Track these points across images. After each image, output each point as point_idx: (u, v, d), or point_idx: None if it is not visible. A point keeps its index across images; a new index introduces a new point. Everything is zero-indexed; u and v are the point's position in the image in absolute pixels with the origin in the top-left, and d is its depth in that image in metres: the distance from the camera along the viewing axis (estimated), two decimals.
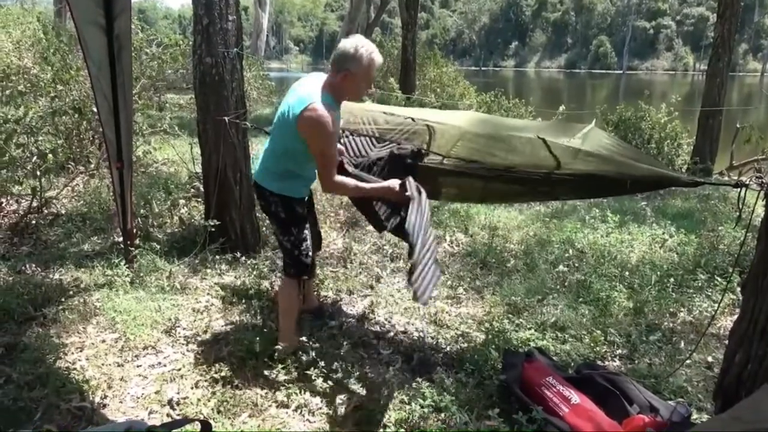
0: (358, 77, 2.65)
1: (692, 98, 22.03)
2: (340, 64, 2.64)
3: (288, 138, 2.71)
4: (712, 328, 3.49)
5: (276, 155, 2.86)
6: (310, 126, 2.60)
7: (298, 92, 2.71)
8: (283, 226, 2.94)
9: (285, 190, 2.89)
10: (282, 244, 3.00)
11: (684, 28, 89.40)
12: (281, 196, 2.89)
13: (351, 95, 2.85)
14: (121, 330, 3.26)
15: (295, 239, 2.93)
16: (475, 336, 3.38)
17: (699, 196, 6.82)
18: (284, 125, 2.71)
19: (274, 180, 2.88)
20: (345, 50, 2.63)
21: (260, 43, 24.41)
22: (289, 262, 3.00)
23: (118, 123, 3.76)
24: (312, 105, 2.59)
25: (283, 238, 2.96)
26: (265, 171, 2.92)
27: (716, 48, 9.19)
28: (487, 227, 5.37)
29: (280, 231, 2.97)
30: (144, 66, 8.04)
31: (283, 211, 2.91)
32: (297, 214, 2.94)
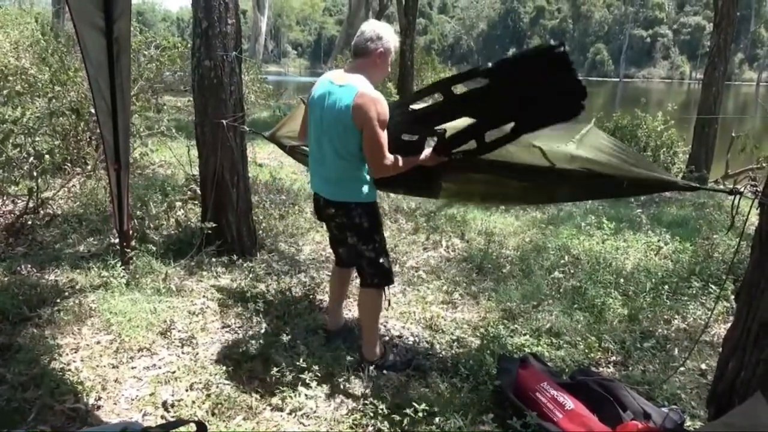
0: (386, 57, 2.73)
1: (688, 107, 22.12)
2: (371, 45, 2.68)
3: (348, 135, 2.64)
4: (705, 336, 3.50)
5: (342, 158, 2.71)
6: (366, 110, 2.56)
7: (339, 89, 2.66)
8: (366, 235, 2.85)
9: (366, 196, 2.80)
10: (363, 255, 2.89)
11: (681, 37, 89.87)
12: (364, 204, 2.80)
13: (380, 76, 2.80)
14: (116, 331, 3.26)
15: (378, 246, 2.88)
16: (471, 341, 3.39)
17: (694, 204, 6.85)
18: (338, 124, 2.64)
19: (352, 188, 2.77)
20: (374, 31, 2.69)
21: (258, 47, 24.50)
22: (373, 271, 2.91)
23: (115, 124, 3.77)
24: (360, 91, 2.58)
25: (366, 248, 2.86)
26: (335, 183, 2.79)
27: (712, 57, 9.26)
28: (483, 233, 5.38)
29: (362, 241, 2.86)
30: (142, 68, 8.04)
31: (367, 220, 2.82)
32: (378, 220, 2.89)
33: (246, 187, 4.52)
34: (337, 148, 2.69)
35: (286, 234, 5.11)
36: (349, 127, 2.61)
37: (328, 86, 2.72)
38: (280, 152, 8.05)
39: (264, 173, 6.94)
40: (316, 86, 2.82)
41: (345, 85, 2.64)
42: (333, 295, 3.38)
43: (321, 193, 2.88)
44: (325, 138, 2.72)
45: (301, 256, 4.70)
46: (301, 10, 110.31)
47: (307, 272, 4.27)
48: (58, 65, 6.28)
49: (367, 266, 2.91)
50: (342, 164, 2.72)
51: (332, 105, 2.64)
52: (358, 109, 2.56)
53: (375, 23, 2.77)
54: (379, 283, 2.95)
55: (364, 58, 2.71)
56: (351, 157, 2.70)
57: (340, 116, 2.61)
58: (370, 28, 2.71)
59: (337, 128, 2.66)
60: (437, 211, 5.87)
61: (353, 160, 2.71)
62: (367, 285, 2.96)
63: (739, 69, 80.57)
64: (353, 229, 2.84)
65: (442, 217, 5.70)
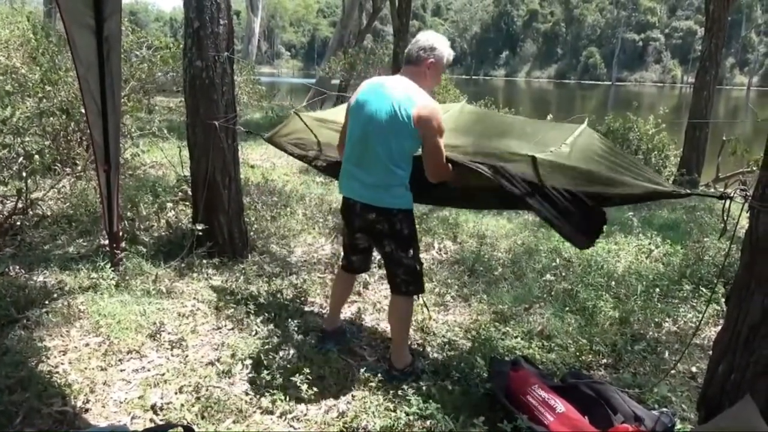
0: (438, 67, 2.77)
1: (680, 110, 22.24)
2: (423, 54, 2.73)
3: (405, 140, 2.66)
4: (696, 339, 3.52)
5: (393, 163, 2.69)
6: (429, 120, 2.60)
7: (393, 93, 2.66)
8: (405, 242, 2.83)
9: (407, 202, 2.80)
10: (401, 263, 2.85)
11: (672, 41, 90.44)
12: (405, 210, 2.79)
13: (429, 85, 2.81)
14: (105, 334, 3.23)
15: (416, 253, 2.87)
16: (462, 344, 3.38)
17: (685, 207, 6.89)
18: (396, 127, 2.63)
19: (398, 195, 2.76)
20: (428, 40, 2.75)
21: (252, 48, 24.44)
22: (409, 279, 2.87)
23: (106, 125, 3.74)
24: (424, 101, 2.63)
25: (404, 255, 2.83)
26: (382, 189, 2.75)
27: (704, 62, 9.31)
28: (475, 235, 5.38)
29: (401, 249, 2.83)
30: (134, 68, 8.00)
31: (407, 226, 2.80)
32: (415, 228, 2.89)
33: (237, 188, 4.50)
34: (391, 152, 2.68)
35: (278, 236, 5.09)
36: (408, 134, 2.63)
37: (380, 91, 2.71)
38: (272, 153, 8.07)
39: (256, 174, 6.92)
40: (363, 90, 2.80)
41: (403, 92, 2.65)
42: (335, 298, 3.34)
43: (359, 198, 2.82)
44: (377, 141, 2.69)
45: (292, 257, 4.68)
46: (295, 11, 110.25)
47: (298, 274, 4.25)
48: (49, 65, 6.23)
49: (403, 273, 2.87)
50: (391, 169, 2.70)
51: (390, 110, 2.63)
52: (421, 120, 2.60)
53: (431, 34, 2.82)
54: (414, 291, 2.92)
55: (416, 66, 2.75)
56: (402, 163, 2.71)
57: (400, 122, 2.61)
58: (425, 38, 2.77)
59: (395, 133, 2.65)
60: (428, 213, 5.87)
61: (402, 164, 2.71)
62: (401, 293, 2.91)
63: (730, 73, 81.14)
64: (393, 236, 2.80)
65: (434, 220, 5.69)
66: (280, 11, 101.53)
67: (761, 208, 2.12)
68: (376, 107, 2.68)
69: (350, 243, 3.07)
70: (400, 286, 2.90)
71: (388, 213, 2.76)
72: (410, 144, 2.68)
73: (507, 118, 4.08)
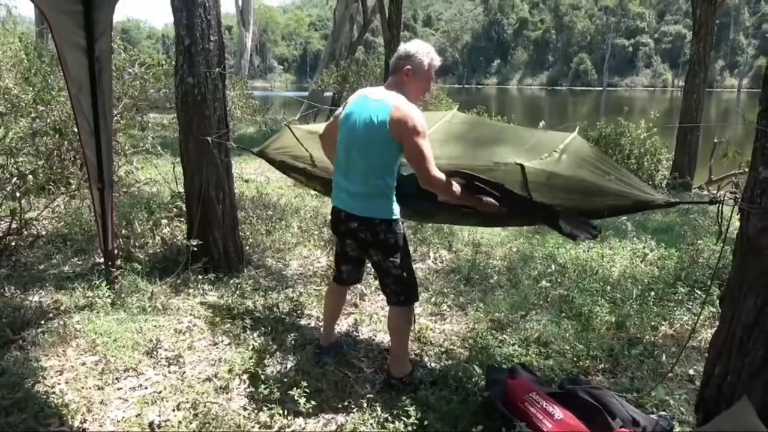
0: (419, 74, 2.74)
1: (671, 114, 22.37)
2: (401, 62, 2.73)
3: (382, 148, 2.65)
4: (693, 341, 3.52)
5: (373, 174, 2.69)
6: (403, 123, 2.57)
7: (372, 103, 2.68)
8: (391, 252, 2.79)
9: (391, 212, 2.76)
10: (389, 273, 2.82)
11: (662, 45, 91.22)
12: (388, 220, 2.75)
13: (414, 93, 2.78)
14: (101, 352, 3.22)
15: (404, 263, 2.83)
16: (459, 352, 3.38)
17: (679, 211, 6.91)
18: (373, 136, 2.64)
19: (379, 204, 2.74)
20: (406, 50, 2.75)
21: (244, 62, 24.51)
22: (398, 289, 2.85)
23: (98, 144, 3.75)
24: (396, 105, 2.61)
25: (391, 266, 2.80)
26: (364, 198, 2.75)
27: (693, 65, 9.41)
28: (470, 244, 5.40)
29: (387, 258, 2.80)
30: (126, 86, 8.01)
31: (393, 236, 2.77)
32: (403, 236, 2.83)
33: (232, 203, 4.50)
34: (370, 162, 2.69)
35: (273, 249, 5.09)
36: (385, 140, 2.62)
37: (363, 101, 2.74)
38: (266, 167, 8.06)
39: (250, 188, 6.93)
40: (350, 102, 2.82)
41: (379, 100, 2.67)
42: (328, 312, 3.33)
43: (344, 207, 2.82)
44: (357, 151, 2.71)
45: (288, 271, 4.68)
46: (287, 25, 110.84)
47: (294, 287, 4.25)
48: (42, 85, 6.24)
49: (392, 283, 2.85)
50: (371, 179, 2.70)
51: (367, 119, 2.66)
52: (394, 123, 2.58)
53: (411, 42, 2.80)
54: (405, 301, 2.89)
55: (395, 75, 2.76)
56: (381, 172, 2.69)
57: (375, 130, 2.62)
58: (403, 47, 2.78)
59: (371, 142, 2.66)
60: (424, 223, 5.87)
61: (383, 175, 2.69)
62: (394, 304, 2.90)
63: (720, 76, 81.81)
64: (378, 246, 2.79)
65: (429, 229, 5.70)
66: (271, 25, 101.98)
67: (751, 209, 2.14)
68: (357, 117, 2.71)
69: (341, 251, 3.08)
70: (391, 296, 2.89)
71: (370, 222, 2.75)
72: (389, 151, 2.65)
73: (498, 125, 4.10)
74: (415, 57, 2.73)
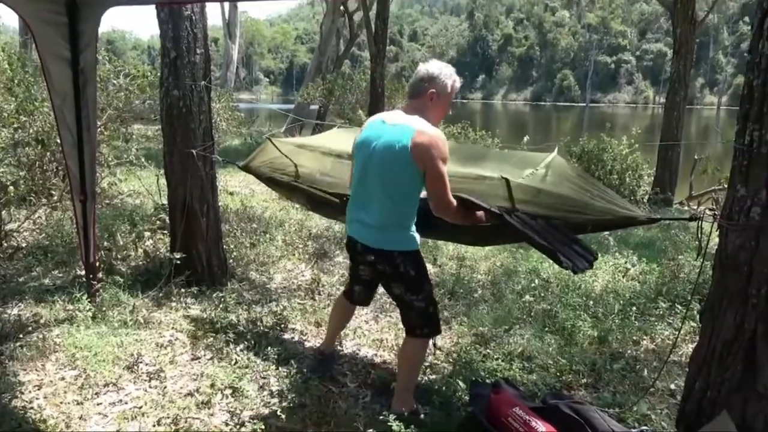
0: (442, 98, 2.63)
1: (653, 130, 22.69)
2: (424, 85, 2.61)
3: (402, 175, 2.50)
4: (674, 356, 3.55)
5: (394, 202, 2.56)
6: (428, 149, 2.43)
7: (391, 128, 2.55)
8: (413, 284, 2.67)
9: (410, 243, 2.63)
10: (412, 305, 2.71)
11: (643, 63, 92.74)
12: (407, 252, 2.63)
13: (435, 117, 2.68)
14: (81, 366, 3.17)
15: (427, 294, 2.71)
16: (443, 367, 3.38)
17: (660, 226, 6.99)
18: (394, 163, 2.49)
19: (398, 236, 2.61)
20: (428, 71, 2.62)
21: (230, 75, 24.49)
22: (421, 322, 2.73)
23: (81, 155, 3.72)
24: (419, 130, 2.47)
25: (414, 298, 2.68)
26: (381, 230, 2.61)
27: (673, 83, 9.59)
28: (455, 258, 5.41)
29: (410, 291, 2.68)
30: (111, 97, 7.97)
31: (413, 268, 2.64)
32: (424, 266, 2.72)
33: (216, 215, 4.49)
34: (388, 190, 2.55)
35: (257, 262, 5.07)
36: (406, 167, 2.47)
37: (379, 127, 2.61)
38: (251, 180, 8.04)
39: (235, 201, 6.90)
40: (365, 128, 2.70)
41: (400, 124, 2.53)
42: (333, 324, 3.27)
43: (360, 239, 2.70)
44: (374, 180, 2.58)
45: (272, 284, 4.66)
46: (273, 38, 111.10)
47: (278, 301, 4.23)
48: (25, 95, 6.19)
49: (416, 317, 2.73)
50: (390, 208, 2.57)
51: (386, 145, 2.51)
52: (418, 148, 2.44)
53: (431, 63, 2.67)
54: (429, 334, 2.80)
55: (417, 99, 2.62)
56: (402, 200, 2.57)
57: (396, 155, 2.47)
58: (425, 68, 2.64)
59: (391, 168, 2.52)
60: None
61: (403, 203, 2.58)
62: (416, 336, 2.77)
63: (701, 93, 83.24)
64: (399, 279, 2.67)
65: None
66: (258, 38, 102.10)
67: (729, 226, 2.18)
68: (375, 143, 2.56)
69: (354, 273, 3.00)
70: (414, 329, 2.77)
71: (388, 255, 2.64)
72: (409, 178, 2.51)
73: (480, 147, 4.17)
74: (439, 79, 2.61)
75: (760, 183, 2.06)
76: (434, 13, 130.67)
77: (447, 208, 2.56)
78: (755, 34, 2.09)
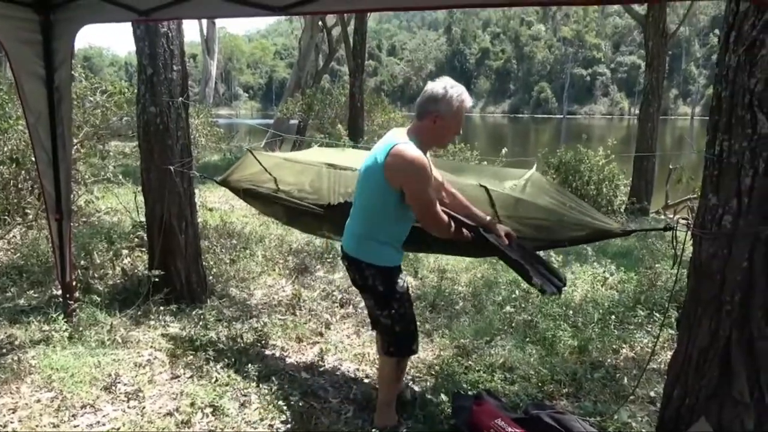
0: (447, 120, 2.49)
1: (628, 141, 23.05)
2: (428, 107, 2.49)
3: (378, 191, 2.50)
4: (653, 363, 3.59)
5: (367, 215, 2.60)
6: (399, 167, 2.41)
7: (381, 143, 2.55)
8: (380, 300, 2.64)
9: (381, 258, 2.60)
10: (378, 320, 2.70)
11: (618, 75, 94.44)
12: (377, 267, 2.59)
13: (439, 140, 2.64)
14: (57, 388, 3.11)
15: (395, 314, 2.63)
16: (426, 380, 3.38)
17: (637, 236, 7.08)
18: (371, 177, 2.52)
19: (368, 248, 2.60)
20: (433, 92, 2.49)
21: (209, 90, 24.41)
22: (387, 339, 2.71)
23: (57, 174, 3.68)
24: (396, 147, 2.43)
25: (381, 314, 2.65)
26: (355, 238, 2.64)
27: (647, 95, 9.78)
28: (436, 270, 5.42)
29: (377, 306, 2.66)
30: (87, 114, 7.90)
31: (381, 284, 2.60)
32: (397, 285, 2.63)
33: (195, 232, 4.45)
34: (364, 202, 2.61)
35: (237, 279, 5.03)
36: (380, 182, 2.47)
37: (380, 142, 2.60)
38: (230, 196, 8.00)
39: (214, 217, 6.86)
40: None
41: (387, 142, 2.50)
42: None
43: (343, 244, 2.74)
44: (358, 191, 2.66)
45: (252, 300, 4.62)
46: (252, 53, 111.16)
47: (258, 317, 4.20)
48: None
49: (383, 333, 2.74)
50: (364, 218, 2.62)
51: (370, 159, 2.54)
52: (389, 167, 2.43)
53: (445, 82, 2.52)
54: (395, 353, 2.72)
55: (421, 120, 2.53)
56: (374, 214, 2.58)
57: (373, 171, 2.50)
58: (430, 88, 2.51)
59: (368, 182, 2.56)
60: None
61: (375, 217, 2.58)
62: (383, 352, 2.77)
63: (674, 104, 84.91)
64: (367, 291, 2.68)
65: None
66: (237, 54, 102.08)
67: (702, 235, 2.22)
68: (365, 162, 2.60)
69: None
70: (383, 346, 2.77)
71: (357, 264, 2.63)
72: (381, 192, 2.50)
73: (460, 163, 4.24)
74: (444, 100, 2.47)
75: (730, 192, 2.10)
76: (412, 27, 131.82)
77: (433, 225, 2.57)
78: (722, 47, 2.15)
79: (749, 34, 2.01)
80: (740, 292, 2.09)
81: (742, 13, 2.04)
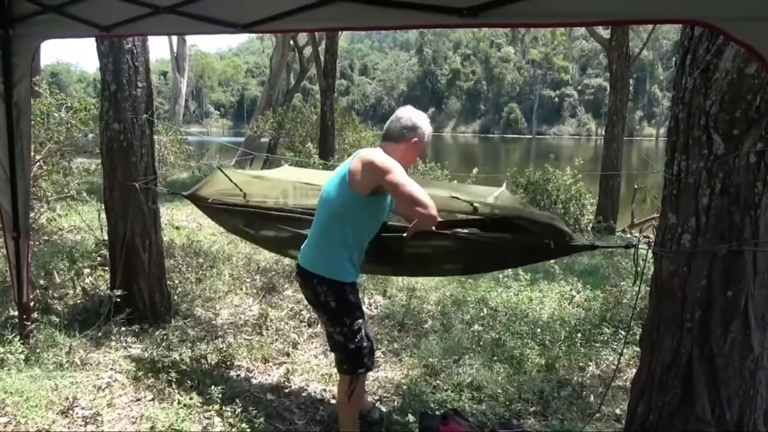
0: (421, 144, 2.67)
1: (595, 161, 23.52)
2: (406, 131, 2.61)
3: (341, 200, 2.55)
4: (619, 381, 3.62)
5: (328, 226, 2.60)
6: (371, 162, 2.48)
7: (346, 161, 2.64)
8: (332, 316, 2.61)
9: (336, 272, 2.58)
10: (332, 337, 2.67)
11: (585, 96, 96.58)
12: (330, 281, 2.58)
13: (411, 161, 2.77)
14: (11, 413, 2.99)
15: (347, 330, 2.60)
16: (393, 399, 3.35)
17: (603, 253, 7.18)
18: (335, 189, 2.58)
19: (325, 260, 2.59)
20: (412, 122, 2.62)
21: (179, 107, 24.24)
22: (342, 357, 2.67)
23: (14, 191, 3.57)
24: (361, 153, 2.56)
25: (334, 330, 2.63)
26: (314, 249, 2.65)
27: (611, 116, 10.02)
28: (405, 289, 5.41)
29: (330, 322, 2.64)
30: (51, 131, 7.74)
31: (334, 300, 2.58)
32: (349, 303, 2.61)
33: (159, 251, 4.37)
34: (330, 208, 2.61)
35: (203, 298, 4.94)
36: (345, 192, 2.53)
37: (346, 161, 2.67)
38: (198, 214, 7.89)
39: (181, 235, 6.75)
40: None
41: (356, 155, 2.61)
42: None
43: (299, 257, 2.72)
44: (321, 204, 2.67)
45: (218, 320, 4.54)
46: (224, 71, 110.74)
47: (224, 338, 4.12)
48: None
49: (336, 350, 2.70)
50: (326, 230, 2.61)
51: (336, 173, 2.65)
52: (358, 172, 2.49)
53: (411, 111, 2.69)
54: (348, 370, 2.67)
55: (396, 143, 2.62)
56: (334, 227, 2.58)
57: (340, 182, 2.57)
58: (407, 116, 2.64)
59: (333, 194, 2.60)
60: None
61: (343, 223, 2.56)
62: (340, 371, 2.72)
63: (640, 125, 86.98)
64: (319, 306, 2.65)
65: (363, 275, 5.69)
66: (208, 72, 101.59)
67: (662, 253, 2.25)
68: (330, 177, 2.69)
69: None
70: (337, 363, 2.73)
71: (310, 278, 2.62)
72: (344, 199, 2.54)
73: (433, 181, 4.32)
74: (420, 129, 2.63)
75: (689, 211, 2.15)
76: (384, 47, 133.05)
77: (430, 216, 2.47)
78: (678, 70, 2.20)
79: (704, 57, 2.07)
80: (700, 309, 2.13)
81: (696, 38, 2.11)
